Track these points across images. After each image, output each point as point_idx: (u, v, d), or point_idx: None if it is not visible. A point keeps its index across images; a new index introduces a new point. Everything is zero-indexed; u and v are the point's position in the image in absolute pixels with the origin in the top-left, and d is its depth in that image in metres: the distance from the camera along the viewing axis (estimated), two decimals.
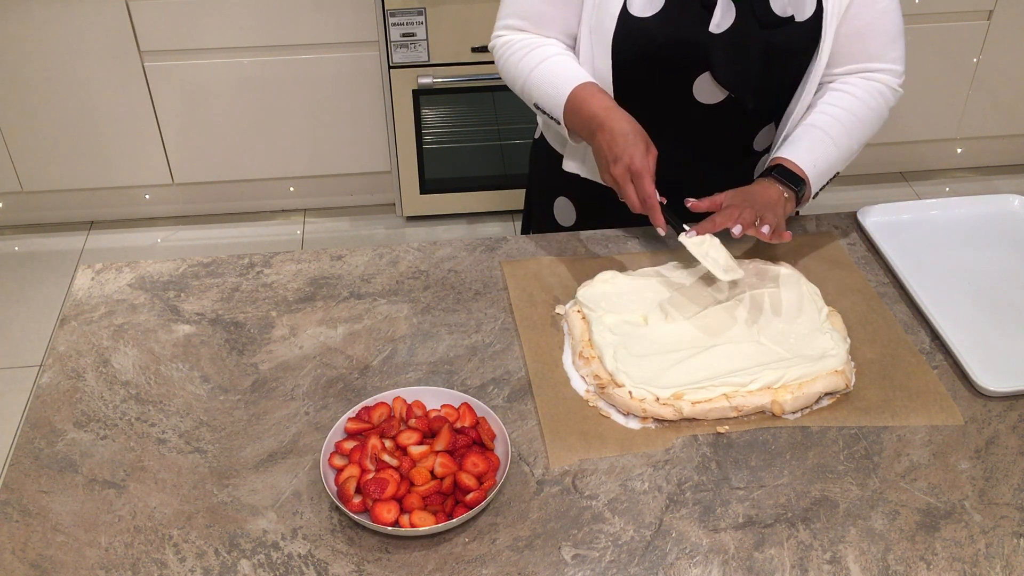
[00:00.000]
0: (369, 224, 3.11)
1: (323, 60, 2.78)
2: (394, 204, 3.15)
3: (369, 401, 1.11)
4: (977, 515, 1.03)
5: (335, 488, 1.03)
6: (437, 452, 1.04)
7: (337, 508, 1.02)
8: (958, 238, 1.43)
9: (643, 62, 1.34)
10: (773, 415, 1.13)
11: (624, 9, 1.30)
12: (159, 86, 2.78)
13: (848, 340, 1.21)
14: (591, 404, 1.15)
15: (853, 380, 1.17)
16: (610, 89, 1.36)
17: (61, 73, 2.72)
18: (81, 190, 3.01)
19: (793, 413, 1.14)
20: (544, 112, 1.38)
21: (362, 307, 1.31)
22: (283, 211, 3.16)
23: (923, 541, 1.00)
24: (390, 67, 2.72)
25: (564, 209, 1.57)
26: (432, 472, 1.03)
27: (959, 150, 3.28)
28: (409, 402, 1.12)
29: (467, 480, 1.02)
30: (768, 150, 1.48)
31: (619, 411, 1.14)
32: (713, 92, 1.35)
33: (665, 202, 1.25)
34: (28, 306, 2.78)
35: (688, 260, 1.32)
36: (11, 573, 0.96)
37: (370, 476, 1.02)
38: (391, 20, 2.62)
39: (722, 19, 1.30)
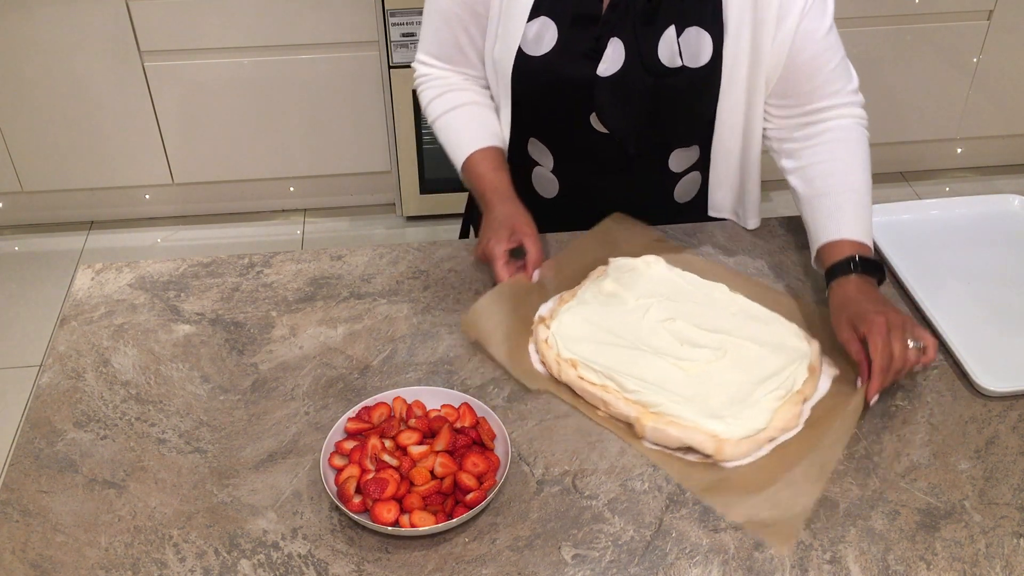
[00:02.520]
0: (369, 224, 3.11)
1: (323, 60, 2.78)
2: (394, 204, 3.15)
3: (369, 401, 1.11)
4: (977, 515, 1.03)
5: (335, 488, 1.03)
6: (437, 452, 1.04)
7: (337, 508, 1.02)
8: (958, 238, 1.43)
9: (539, 97, 1.39)
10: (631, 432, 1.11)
11: (520, 48, 1.34)
12: (159, 86, 2.78)
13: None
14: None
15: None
16: (508, 119, 1.42)
17: (61, 73, 2.72)
18: (81, 190, 3.01)
19: (656, 446, 1.10)
20: (447, 154, 1.45)
21: (362, 307, 1.31)
22: (283, 211, 3.16)
23: (923, 541, 1.00)
24: (390, 67, 2.72)
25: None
26: (432, 472, 1.03)
27: (959, 150, 3.28)
28: (409, 402, 1.12)
29: (467, 480, 1.02)
30: (692, 169, 1.46)
31: (535, 352, 1.22)
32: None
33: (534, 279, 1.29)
34: (28, 306, 2.78)
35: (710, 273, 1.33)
36: (11, 573, 0.96)
37: (370, 476, 1.02)
38: (391, 20, 2.62)
39: (611, 63, 1.32)
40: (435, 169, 2.96)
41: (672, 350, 1.20)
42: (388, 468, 1.02)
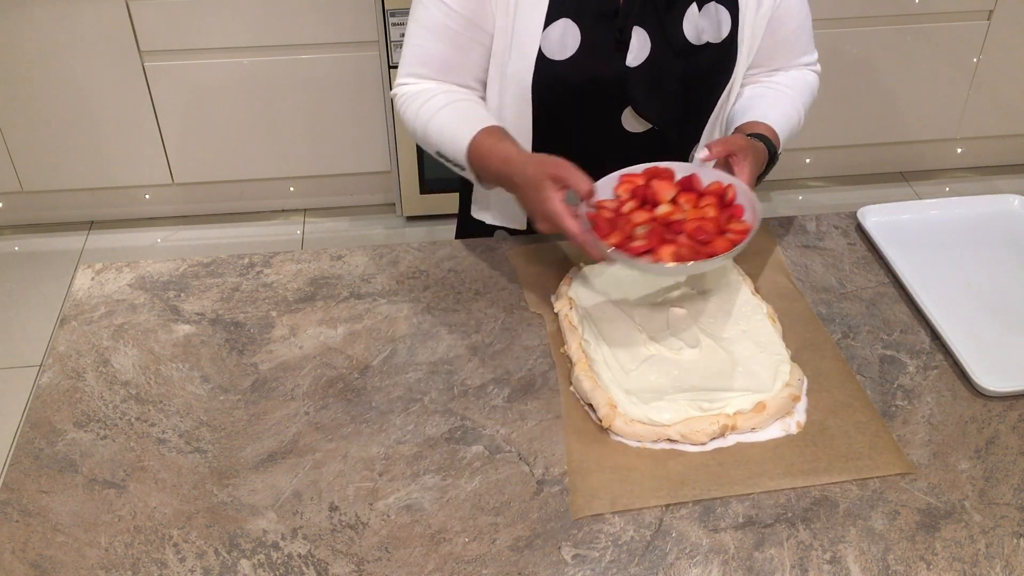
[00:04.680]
0: (369, 224, 3.11)
1: (323, 60, 2.78)
2: (394, 204, 3.15)
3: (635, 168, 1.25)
4: (977, 515, 1.03)
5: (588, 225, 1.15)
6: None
7: (337, 508, 1.02)
8: (958, 238, 1.43)
9: (565, 103, 1.34)
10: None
11: (540, 53, 1.30)
12: (159, 86, 2.78)
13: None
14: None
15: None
16: (529, 133, 1.37)
17: (61, 73, 2.72)
18: (81, 190, 3.01)
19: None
20: (447, 159, 1.33)
21: (362, 307, 1.31)
22: (283, 211, 3.16)
23: (923, 541, 1.00)
24: (390, 67, 2.72)
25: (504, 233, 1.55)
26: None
27: (959, 150, 3.28)
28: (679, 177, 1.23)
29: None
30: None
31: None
32: (640, 121, 1.37)
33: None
34: (28, 306, 2.78)
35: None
36: (11, 573, 0.96)
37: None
38: (391, 20, 2.62)
39: (638, 52, 1.31)
40: (435, 169, 2.96)
41: (652, 328, 1.23)
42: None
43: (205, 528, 1.01)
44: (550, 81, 1.32)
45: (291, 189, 3.12)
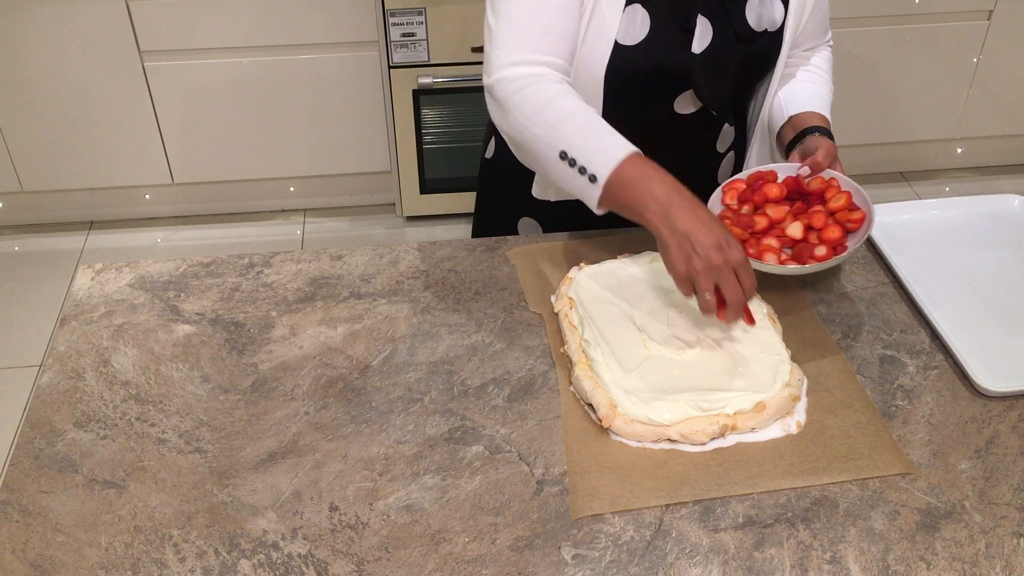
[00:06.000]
0: (369, 224, 3.11)
1: (323, 60, 2.78)
2: (394, 204, 3.15)
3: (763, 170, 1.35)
4: (977, 515, 1.03)
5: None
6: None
7: (337, 508, 1.02)
8: (958, 238, 1.43)
9: (631, 87, 1.36)
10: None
11: (616, 39, 1.31)
12: (159, 86, 2.78)
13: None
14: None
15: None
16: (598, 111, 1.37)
17: (61, 73, 2.72)
18: (81, 190, 3.01)
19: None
20: (575, 164, 1.20)
21: (362, 307, 1.31)
22: (283, 211, 3.16)
23: (923, 541, 1.00)
24: (390, 67, 2.72)
25: (530, 228, 1.56)
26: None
27: (959, 150, 3.28)
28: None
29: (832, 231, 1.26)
30: (730, 150, 1.52)
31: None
32: (691, 104, 1.40)
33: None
34: (28, 306, 2.78)
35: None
36: (11, 573, 0.96)
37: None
38: (391, 20, 2.62)
39: (702, 39, 1.33)
40: (435, 169, 2.96)
41: (652, 328, 1.23)
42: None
43: (205, 528, 1.01)
44: (620, 65, 1.32)
45: (291, 189, 3.12)
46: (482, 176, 1.63)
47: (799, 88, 1.46)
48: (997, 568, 0.97)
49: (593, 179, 1.18)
